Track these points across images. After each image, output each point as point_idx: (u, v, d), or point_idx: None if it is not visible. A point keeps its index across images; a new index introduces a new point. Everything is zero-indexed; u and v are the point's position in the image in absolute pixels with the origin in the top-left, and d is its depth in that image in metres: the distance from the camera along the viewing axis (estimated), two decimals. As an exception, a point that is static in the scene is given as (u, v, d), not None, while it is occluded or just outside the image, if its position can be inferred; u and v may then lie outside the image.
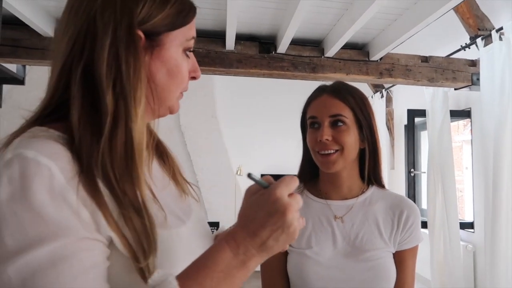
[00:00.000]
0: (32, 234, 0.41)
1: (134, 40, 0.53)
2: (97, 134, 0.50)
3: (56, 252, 0.42)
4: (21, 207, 0.42)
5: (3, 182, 0.43)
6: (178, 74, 0.59)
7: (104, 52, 0.51)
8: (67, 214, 0.44)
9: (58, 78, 0.55)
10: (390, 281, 0.91)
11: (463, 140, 4.78)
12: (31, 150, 0.46)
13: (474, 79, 3.15)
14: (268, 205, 0.49)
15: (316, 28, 2.92)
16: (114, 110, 0.51)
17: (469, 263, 3.52)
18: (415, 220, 0.96)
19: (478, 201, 3.45)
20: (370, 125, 0.96)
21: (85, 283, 0.42)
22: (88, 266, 0.43)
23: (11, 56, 2.66)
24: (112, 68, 0.51)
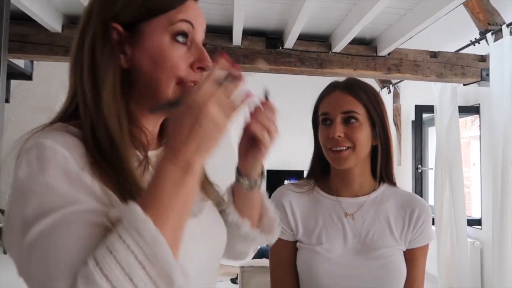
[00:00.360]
0: (47, 205, 0.45)
1: (108, 33, 0.57)
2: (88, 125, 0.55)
3: (65, 217, 0.44)
4: (38, 184, 0.46)
5: (22, 165, 0.48)
6: (163, 61, 0.58)
7: (86, 47, 0.58)
8: (81, 189, 0.48)
9: (71, 78, 0.61)
10: (401, 279, 0.91)
11: (470, 136, 4.74)
12: (49, 139, 0.50)
13: (484, 75, 3.11)
14: (188, 109, 0.49)
15: (324, 23, 2.90)
16: (93, 100, 0.55)
17: (476, 260, 3.50)
18: (426, 218, 0.95)
19: (486, 197, 3.42)
20: (383, 122, 0.95)
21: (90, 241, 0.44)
22: (97, 231, 0.45)
23: (19, 52, 2.67)
24: (89, 60, 0.57)
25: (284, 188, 1.00)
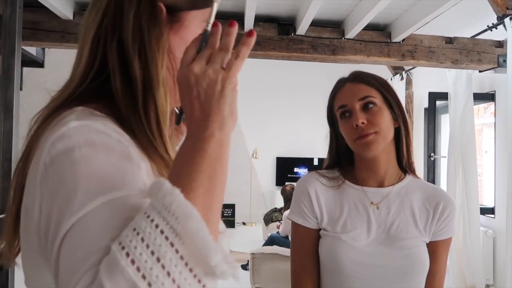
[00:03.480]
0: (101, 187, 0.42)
1: (155, 12, 0.55)
2: (134, 103, 0.53)
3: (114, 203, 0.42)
4: (91, 169, 0.43)
5: (78, 142, 0.44)
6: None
7: (129, 23, 0.54)
8: (134, 175, 0.45)
9: (92, 53, 0.56)
10: (424, 270, 0.91)
11: (483, 123, 4.67)
12: (98, 123, 0.47)
13: (501, 61, 3.05)
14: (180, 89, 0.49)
15: (337, 9, 2.85)
16: (142, 78, 0.53)
17: (489, 249, 3.49)
18: (451, 212, 0.95)
19: (500, 186, 3.38)
20: (399, 105, 0.96)
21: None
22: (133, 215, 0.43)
23: (31, 39, 2.68)
24: (136, 38, 0.53)
25: (310, 177, 0.99)
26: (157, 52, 0.54)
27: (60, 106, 0.53)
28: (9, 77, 1.61)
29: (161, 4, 0.55)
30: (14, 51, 1.61)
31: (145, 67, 0.53)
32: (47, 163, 0.44)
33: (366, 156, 0.93)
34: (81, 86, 0.55)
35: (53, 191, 0.43)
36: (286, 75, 6.25)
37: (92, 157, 0.44)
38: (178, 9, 0.57)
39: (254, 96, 5.95)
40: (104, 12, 0.55)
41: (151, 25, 0.54)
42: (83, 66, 0.56)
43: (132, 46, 0.53)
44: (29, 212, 0.47)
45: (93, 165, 0.43)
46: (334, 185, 0.97)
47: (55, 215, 0.42)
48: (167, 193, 0.39)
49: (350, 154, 1.00)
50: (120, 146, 0.47)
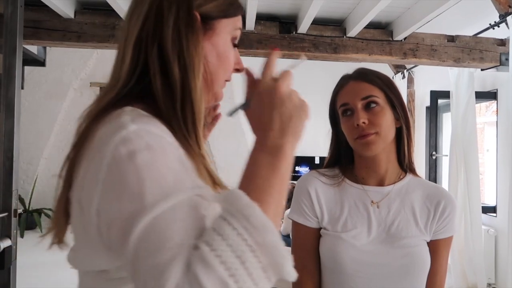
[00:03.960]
0: (166, 190, 0.46)
1: (192, 19, 0.59)
2: (173, 104, 0.57)
3: (184, 204, 0.46)
4: (152, 171, 0.47)
5: (139, 147, 0.48)
6: (225, 59, 0.64)
7: (169, 29, 0.58)
8: (188, 175, 0.50)
9: (134, 56, 0.59)
10: (425, 269, 0.90)
11: (485, 122, 4.66)
12: (153, 127, 0.51)
13: (503, 59, 3.04)
14: (261, 99, 0.55)
15: (339, 7, 2.84)
16: (181, 82, 0.57)
17: (491, 248, 3.48)
18: (452, 210, 0.94)
19: (502, 184, 3.37)
20: (402, 105, 0.95)
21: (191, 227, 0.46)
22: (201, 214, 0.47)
23: (33, 38, 2.68)
24: (175, 43, 0.58)
25: (310, 176, 0.99)
26: (195, 57, 0.58)
27: (108, 105, 0.57)
28: (10, 76, 1.61)
29: (196, 13, 0.60)
30: (15, 49, 1.61)
31: (184, 71, 0.57)
32: (111, 165, 0.48)
33: (366, 155, 0.92)
34: (126, 87, 0.59)
35: (118, 193, 0.47)
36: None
37: (153, 161, 0.47)
38: (211, 18, 0.62)
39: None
40: (145, 18, 0.60)
41: (189, 31, 0.59)
42: (127, 68, 0.59)
43: (171, 51, 0.58)
44: (84, 205, 0.51)
45: (155, 169, 0.47)
46: (334, 183, 0.97)
47: (123, 214, 0.46)
48: (246, 205, 0.45)
49: (351, 152, 0.99)
50: (173, 148, 0.51)
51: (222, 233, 0.43)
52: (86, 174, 0.52)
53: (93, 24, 2.75)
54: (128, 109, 0.54)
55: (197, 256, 0.42)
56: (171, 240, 0.43)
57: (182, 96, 0.57)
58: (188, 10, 0.59)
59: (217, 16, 0.63)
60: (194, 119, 0.57)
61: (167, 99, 0.57)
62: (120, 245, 0.45)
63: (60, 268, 4.50)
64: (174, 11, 0.59)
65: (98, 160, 0.49)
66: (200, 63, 0.59)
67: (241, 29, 0.67)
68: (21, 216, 5.62)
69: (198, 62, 0.58)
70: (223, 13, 0.63)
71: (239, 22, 0.66)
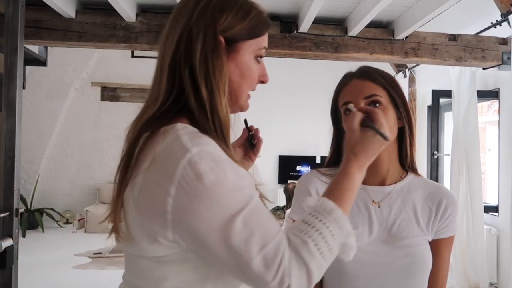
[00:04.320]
0: (240, 199, 0.60)
1: (217, 45, 0.67)
2: (206, 119, 0.66)
3: (257, 207, 0.61)
4: (227, 186, 0.60)
5: (203, 169, 0.59)
6: (249, 76, 0.72)
7: (197, 54, 0.66)
8: (247, 182, 0.63)
9: (169, 76, 0.68)
10: (427, 268, 0.90)
11: (486, 121, 4.65)
12: (209, 146, 0.62)
13: (505, 58, 3.03)
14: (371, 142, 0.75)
15: (340, 6, 2.84)
16: (209, 100, 0.66)
17: (493, 247, 3.47)
18: (453, 210, 0.93)
19: (504, 184, 3.36)
20: (405, 103, 0.94)
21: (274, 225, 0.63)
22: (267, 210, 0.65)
23: (34, 38, 2.68)
24: (202, 67, 0.66)
25: (311, 175, 0.98)
26: (219, 79, 0.66)
27: (152, 118, 0.67)
28: (12, 76, 1.61)
29: (221, 38, 0.67)
30: (16, 49, 1.61)
31: (210, 91, 0.66)
32: (184, 185, 0.59)
33: None
34: (165, 104, 0.67)
35: (195, 209, 0.59)
36: (288, 73, 6.22)
37: (218, 181, 0.59)
38: (235, 41, 0.70)
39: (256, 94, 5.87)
40: (177, 43, 0.68)
41: (214, 56, 0.66)
42: (164, 86, 0.68)
43: (199, 73, 0.66)
44: (145, 210, 0.62)
45: (221, 187, 0.60)
46: None
47: (212, 219, 0.58)
48: (340, 217, 0.66)
49: None
50: (229, 164, 0.62)
51: (319, 229, 0.63)
52: (149, 183, 0.61)
53: (94, 23, 2.75)
54: (180, 126, 0.64)
55: (305, 249, 0.60)
56: (268, 235, 0.59)
57: (211, 113, 0.66)
58: (213, 36, 0.67)
59: (240, 38, 0.70)
60: (223, 131, 0.67)
61: (201, 115, 0.66)
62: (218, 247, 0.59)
63: (61, 267, 4.50)
64: (201, 38, 0.67)
65: (166, 176, 0.59)
66: (225, 84, 0.67)
67: (266, 47, 0.74)
68: (23, 215, 5.62)
69: (222, 83, 0.67)
70: (247, 36, 0.70)
71: (264, 41, 0.73)
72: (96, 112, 6.62)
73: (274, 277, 0.58)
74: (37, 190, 6.12)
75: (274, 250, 0.59)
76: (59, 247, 5.01)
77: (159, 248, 0.63)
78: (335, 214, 0.65)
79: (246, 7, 0.71)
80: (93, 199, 6.49)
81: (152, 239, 0.62)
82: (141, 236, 0.64)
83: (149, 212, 0.62)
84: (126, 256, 0.72)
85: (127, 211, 0.65)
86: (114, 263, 4.37)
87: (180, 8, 0.71)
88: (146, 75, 3.65)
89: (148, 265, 0.66)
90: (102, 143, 6.60)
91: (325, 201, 0.67)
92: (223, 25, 0.68)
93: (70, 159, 6.51)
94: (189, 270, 0.65)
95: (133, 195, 0.63)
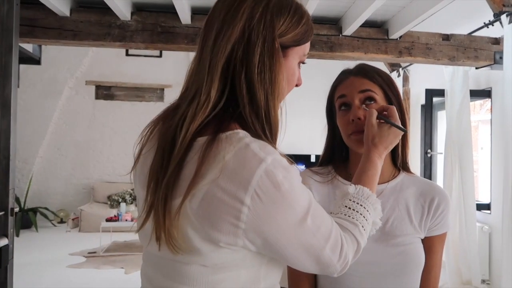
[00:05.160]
0: (307, 201, 0.66)
1: (275, 51, 0.67)
2: (260, 125, 0.66)
3: (314, 201, 0.68)
4: (297, 191, 0.65)
5: (280, 178, 0.62)
6: (292, 81, 0.74)
7: (256, 60, 0.65)
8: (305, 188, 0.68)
9: (222, 75, 0.65)
10: (420, 266, 0.91)
11: (479, 120, 4.69)
12: (276, 154, 0.64)
13: (497, 58, 3.06)
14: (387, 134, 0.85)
15: (335, 6, 2.85)
16: (265, 107, 0.66)
17: (485, 245, 3.51)
18: (446, 207, 0.94)
19: (496, 182, 3.40)
20: (400, 103, 0.94)
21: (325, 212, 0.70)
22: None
23: (28, 36, 2.67)
24: (261, 71, 0.65)
25: (304, 174, 0.99)
26: (275, 87, 0.67)
27: (205, 123, 0.65)
28: (7, 74, 1.60)
29: (278, 44, 0.67)
30: (11, 48, 1.60)
31: (266, 97, 0.66)
32: (260, 194, 0.60)
33: (359, 151, 0.92)
34: (217, 107, 0.65)
35: (272, 217, 0.62)
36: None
37: (291, 186, 0.63)
38: (286, 47, 0.70)
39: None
40: (234, 43, 0.65)
41: (272, 62, 0.66)
42: (217, 88, 0.65)
43: (257, 78, 0.65)
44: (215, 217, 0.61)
45: (294, 191, 0.64)
46: (327, 180, 0.97)
47: (287, 223, 0.63)
48: (374, 200, 0.78)
49: (345, 149, 0.99)
50: (293, 170, 0.65)
51: (363, 214, 0.74)
52: (218, 193, 0.60)
53: (89, 22, 2.74)
54: (242, 133, 0.64)
55: (356, 230, 0.72)
56: (328, 223, 0.68)
57: (266, 119, 0.66)
58: (272, 41, 0.66)
59: (292, 45, 0.71)
60: (273, 137, 0.68)
61: (255, 120, 0.66)
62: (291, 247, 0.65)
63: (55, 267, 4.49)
64: (261, 42, 0.65)
65: (240, 186, 0.60)
66: (280, 91, 0.68)
67: (308, 53, 0.76)
68: (17, 215, 5.59)
69: (277, 90, 0.67)
70: (298, 42, 0.71)
71: (307, 47, 0.75)
72: (91, 110, 6.60)
73: (339, 258, 0.68)
74: (31, 189, 6.09)
75: (335, 237, 0.67)
76: (53, 247, 4.99)
77: (223, 255, 0.64)
78: (371, 199, 0.76)
79: (300, 11, 0.71)
80: (87, 198, 6.47)
81: (217, 247, 0.62)
82: (203, 245, 0.63)
83: (217, 222, 0.61)
84: (163, 261, 0.68)
85: (181, 220, 0.62)
86: (108, 262, 4.36)
87: (235, 3, 0.67)
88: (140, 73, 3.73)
89: (200, 271, 0.65)
90: (97, 141, 6.57)
91: (361, 188, 0.77)
92: (280, 30, 0.68)
93: (64, 158, 6.48)
94: (244, 272, 0.67)
95: (192, 205, 0.61)
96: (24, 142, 5.95)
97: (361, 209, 0.74)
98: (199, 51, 0.70)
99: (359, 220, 0.73)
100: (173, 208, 0.62)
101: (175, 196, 0.63)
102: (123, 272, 4.11)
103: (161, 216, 0.63)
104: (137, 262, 4.30)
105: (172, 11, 2.68)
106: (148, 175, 0.67)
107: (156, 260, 0.69)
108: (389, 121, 0.85)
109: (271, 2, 0.68)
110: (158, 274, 0.69)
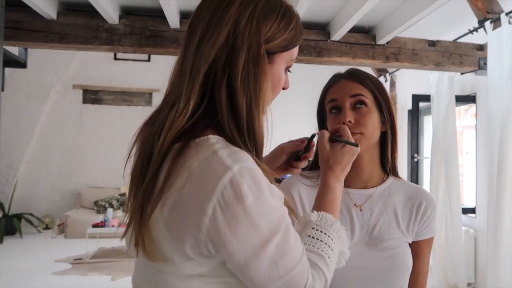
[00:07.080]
0: (275, 222, 0.60)
1: (260, 58, 0.64)
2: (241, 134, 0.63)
3: (288, 227, 0.62)
4: (262, 207, 0.59)
5: (244, 190, 0.57)
6: (278, 86, 0.72)
7: (240, 67, 0.63)
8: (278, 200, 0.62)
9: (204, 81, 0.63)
10: (407, 270, 0.91)
11: (464, 125, 4.77)
12: (249, 162, 0.59)
13: (481, 64, 3.12)
14: (341, 154, 0.81)
15: (323, 11, 2.88)
16: (247, 114, 0.63)
17: (470, 248, 3.56)
18: (433, 212, 0.95)
19: (481, 186, 3.46)
20: (389, 108, 0.96)
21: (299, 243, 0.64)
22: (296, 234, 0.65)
23: (14, 39, 2.63)
24: (244, 81, 0.63)
25: (293, 178, 0.99)
26: (260, 97, 0.64)
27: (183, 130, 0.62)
28: (-9, 77, 1.58)
29: (263, 50, 0.65)
30: (-4, 50, 1.58)
31: (250, 105, 0.63)
32: (222, 205, 0.57)
33: None
34: (196, 113, 0.63)
35: (231, 230, 0.57)
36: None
37: (257, 202, 0.58)
38: (273, 53, 0.67)
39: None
40: (219, 49, 0.63)
41: (257, 69, 0.64)
42: (196, 95, 0.63)
43: (239, 88, 0.62)
44: (178, 225, 0.59)
45: (260, 209, 0.58)
46: (317, 183, 0.97)
47: (246, 241, 0.58)
48: (338, 227, 0.72)
49: None
50: (266, 182, 0.60)
51: (327, 243, 0.68)
52: (183, 202, 0.58)
53: (76, 25, 2.71)
54: (214, 139, 0.61)
55: (322, 262, 0.66)
56: (296, 255, 0.61)
57: (247, 128, 0.63)
58: (258, 48, 0.64)
59: (279, 51, 0.68)
60: (257, 148, 0.65)
61: (233, 128, 0.63)
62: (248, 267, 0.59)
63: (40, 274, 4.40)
64: (246, 49, 0.63)
65: (204, 195, 0.57)
66: (264, 101, 0.65)
67: (295, 58, 0.74)
68: (1, 221, 5.48)
69: (262, 100, 0.64)
70: (285, 48, 0.69)
71: (295, 52, 0.72)
72: (78, 115, 6.52)
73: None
74: (15, 195, 5.97)
75: (301, 271, 0.62)
76: (38, 253, 4.90)
77: (195, 266, 0.61)
78: (335, 226, 0.71)
79: (289, 15, 0.68)
80: (74, 203, 6.37)
81: (186, 257, 0.60)
82: (174, 255, 0.61)
83: (182, 232, 0.59)
84: (148, 268, 0.67)
85: (155, 229, 0.61)
86: (95, 269, 4.29)
87: (222, 6, 0.65)
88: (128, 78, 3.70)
89: (178, 279, 0.63)
90: (84, 146, 6.49)
91: (324, 215, 0.72)
92: (266, 35, 0.65)
93: (51, 163, 6.37)
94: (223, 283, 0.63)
95: (163, 214, 0.60)
96: (9, 147, 5.84)
97: (325, 238, 0.68)
98: (183, 52, 0.67)
99: (324, 250, 0.67)
100: (149, 216, 0.61)
101: (151, 204, 0.62)
102: (110, 278, 4.05)
103: (137, 223, 0.61)
104: (124, 269, 4.24)
105: (161, 15, 2.68)
106: (130, 182, 0.66)
107: (143, 267, 0.68)
108: (341, 140, 0.82)
109: (258, 6, 0.65)
110: (144, 280, 0.69)
